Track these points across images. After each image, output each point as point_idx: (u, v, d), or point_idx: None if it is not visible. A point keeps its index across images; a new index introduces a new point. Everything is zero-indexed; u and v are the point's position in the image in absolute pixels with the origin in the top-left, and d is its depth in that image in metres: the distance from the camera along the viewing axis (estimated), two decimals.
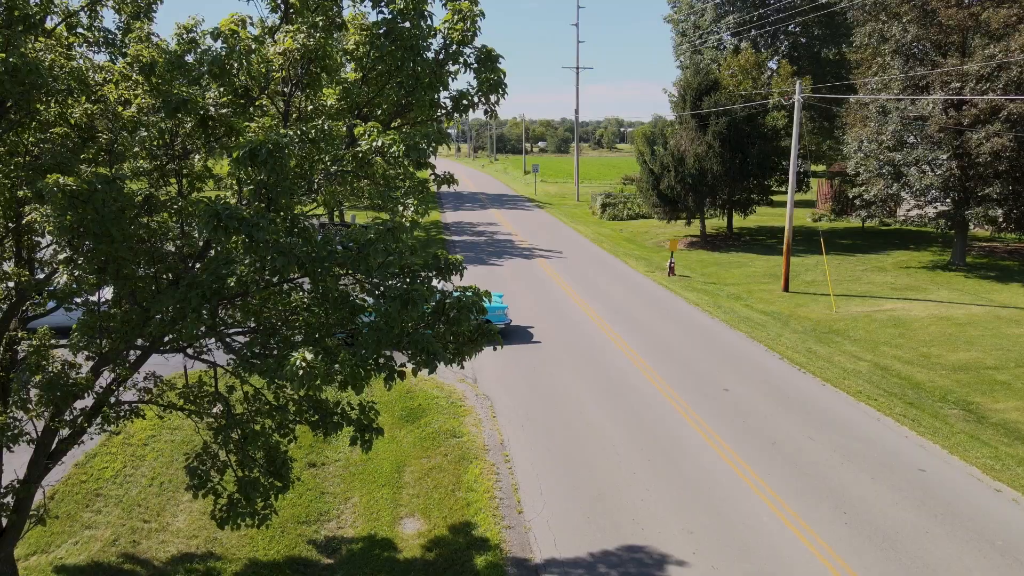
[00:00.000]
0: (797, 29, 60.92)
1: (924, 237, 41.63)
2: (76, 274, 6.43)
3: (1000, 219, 31.97)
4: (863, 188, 34.43)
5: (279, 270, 5.76)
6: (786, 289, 29.90)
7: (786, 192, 44.88)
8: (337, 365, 5.74)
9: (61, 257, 6.43)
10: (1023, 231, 32.66)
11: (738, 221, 46.90)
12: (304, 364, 5.51)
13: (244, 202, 6.80)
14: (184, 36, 9.02)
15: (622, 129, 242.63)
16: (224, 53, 6.56)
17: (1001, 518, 12.25)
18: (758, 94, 41.87)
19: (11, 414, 6.75)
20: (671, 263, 32.86)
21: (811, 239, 40.15)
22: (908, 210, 36.71)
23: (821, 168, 64.19)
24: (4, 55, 5.88)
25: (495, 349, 7.36)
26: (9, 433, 6.32)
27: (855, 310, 26.56)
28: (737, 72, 43.97)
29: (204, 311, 6.12)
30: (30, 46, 6.45)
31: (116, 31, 10.23)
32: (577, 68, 67.47)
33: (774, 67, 55.78)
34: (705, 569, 10.79)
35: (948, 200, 32.74)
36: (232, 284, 6.01)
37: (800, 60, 59.84)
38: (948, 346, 22.06)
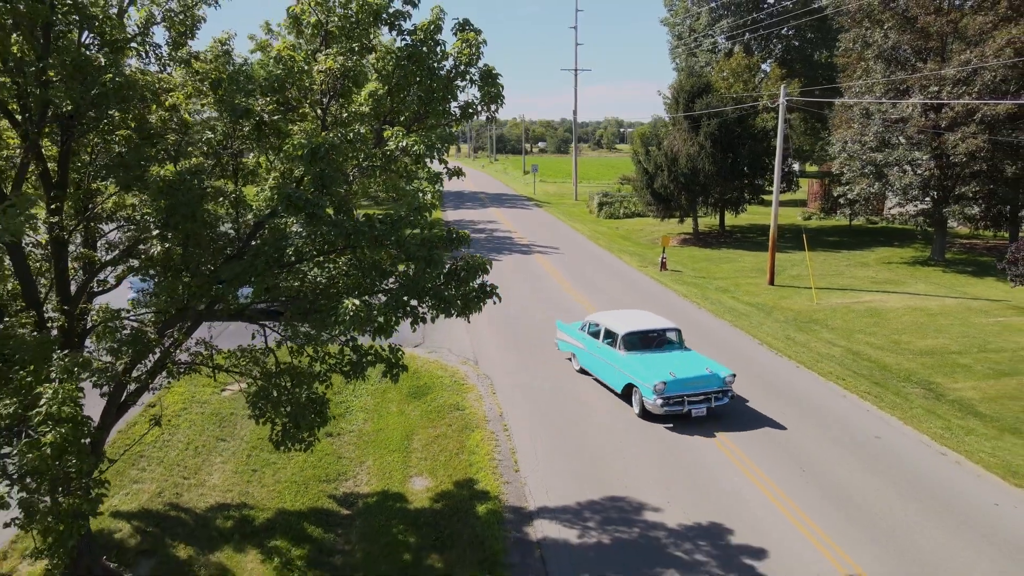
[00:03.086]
0: (791, 32, 62.57)
1: (908, 235, 43.20)
2: (167, 246, 8.00)
3: (977, 217, 33.58)
4: (847, 187, 36.05)
5: (330, 240, 7.30)
6: (771, 283, 31.47)
7: (781, 190, 46.50)
8: (375, 312, 7.29)
9: (155, 232, 8.01)
10: (998, 228, 34.26)
11: (730, 219, 48.46)
12: (353, 308, 7.06)
13: (297, 188, 8.36)
14: (220, 48, 10.65)
15: (622, 130, 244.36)
16: (283, 73, 8.12)
17: (943, 476, 13.83)
18: (749, 96, 43.47)
19: (103, 360, 8.26)
20: (663, 258, 34.43)
21: (800, 236, 41.69)
22: (890, 208, 38.35)
23: (814, 168, 65.85)
24: (111, 75, 7.46)
25: (495, 303, 9.02)
26: (109, 374, 7.83)
27: (835, 302, 28.13)
28: (729, 75, 45.57)
29: (268, 274, 7.67)
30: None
31: (165, 45, 11.82)
32: (575, 70, 69.14)
33: (767, 69, 57.46)
34: (677, 513, 12.39)
35: (927, 199, 34.32)
36: (291, 253, 7.56)
37: (793, 63, 61.50)
38: (918, 333, 23.63)
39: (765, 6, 61.27)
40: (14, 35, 7.63)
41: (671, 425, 16.08)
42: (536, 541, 11.81)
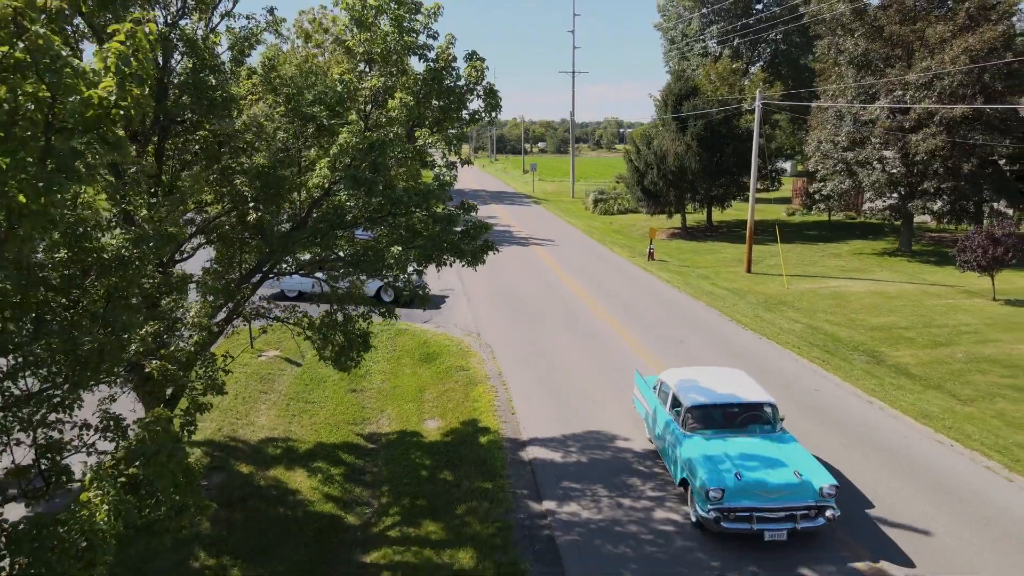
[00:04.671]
0: (779, 37, 65.39)
1: (883, 229, 45.99)
2: (260, 214, 10.85)
3: (941, 211, 36.41)
4: (821, 184, 38.92)
5: (378, 209, 10.14)
6: (749, 271, 34.33)
7: (764, 188, 49.43)
8: (412, 257, 10.13)
9: (251, 204, 10.87)
10: (959, 222, 37.10)
11: (718, 215, 51.29)
12: (397, 252, 9.92)
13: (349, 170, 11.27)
14: (267, 63, 13.48)
15: (621, 130, 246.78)
16: (343, 90, 10.95)
17: (864, 418, 16.67)
18: (734, 99, 46.34)
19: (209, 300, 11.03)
20: (651, 249, 37.28)
21: (782, 230, 44.50)
22: (864, 203, 41.19)
23: (801, 167, 68.60)
24: (220, 92, 10.27)
25: (496, 252, 11.93)
26: (213, 305, 10.57)
27: (804, 287, 30.98)
28: (715, 79, 48.44)
29: (329, 235, 10.53)
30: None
31: (227, 62, 14.61)
32: (573, 73, 72.10)
33: (755, 72, 60.32)
34: (643, 442, 15.26)
35: (895, 195, 37.16)
36: (349, 219, 10.41)
37: (780, 66, 64.37)
38: (873, 312, 26.47)
39: (754, 12, 64.12)
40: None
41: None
42: (528, 461, 14.68)
